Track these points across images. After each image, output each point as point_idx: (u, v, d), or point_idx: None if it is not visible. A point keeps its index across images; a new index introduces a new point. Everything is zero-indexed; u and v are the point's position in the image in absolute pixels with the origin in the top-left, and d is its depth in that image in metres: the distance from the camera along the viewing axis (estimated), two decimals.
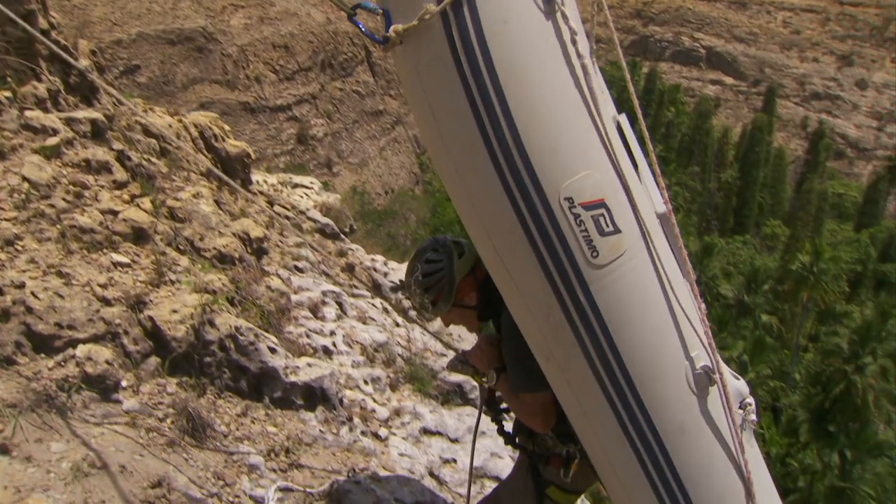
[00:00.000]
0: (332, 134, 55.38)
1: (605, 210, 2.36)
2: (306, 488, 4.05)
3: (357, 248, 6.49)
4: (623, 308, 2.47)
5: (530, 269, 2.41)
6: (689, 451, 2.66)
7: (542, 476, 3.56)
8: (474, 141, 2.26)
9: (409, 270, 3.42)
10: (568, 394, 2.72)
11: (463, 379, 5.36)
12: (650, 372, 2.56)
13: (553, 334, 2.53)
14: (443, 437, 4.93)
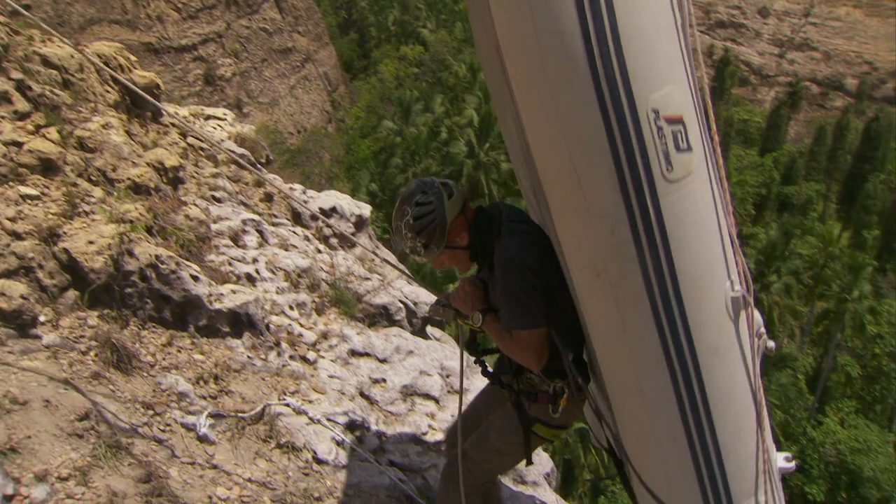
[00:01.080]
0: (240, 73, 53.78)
1: (683, 127, 2.39)
2: (238, 413, 4.00)
3: (275, 177, 6.35)
4: (684, 226, 2.50)
5: (607, 181, 2.39)
6: (718, 373, 2.74)
7: (528, 414, 3.54)
8: (575, 45, 2.24)
9: (398, 214, 3.30)
10: (612, 311, 2.69)
11: (388, 301, 5.34)
12: (699, 293, 2.60)
13: (614, 250, 2.52)
14: (371, 358, 4.92)
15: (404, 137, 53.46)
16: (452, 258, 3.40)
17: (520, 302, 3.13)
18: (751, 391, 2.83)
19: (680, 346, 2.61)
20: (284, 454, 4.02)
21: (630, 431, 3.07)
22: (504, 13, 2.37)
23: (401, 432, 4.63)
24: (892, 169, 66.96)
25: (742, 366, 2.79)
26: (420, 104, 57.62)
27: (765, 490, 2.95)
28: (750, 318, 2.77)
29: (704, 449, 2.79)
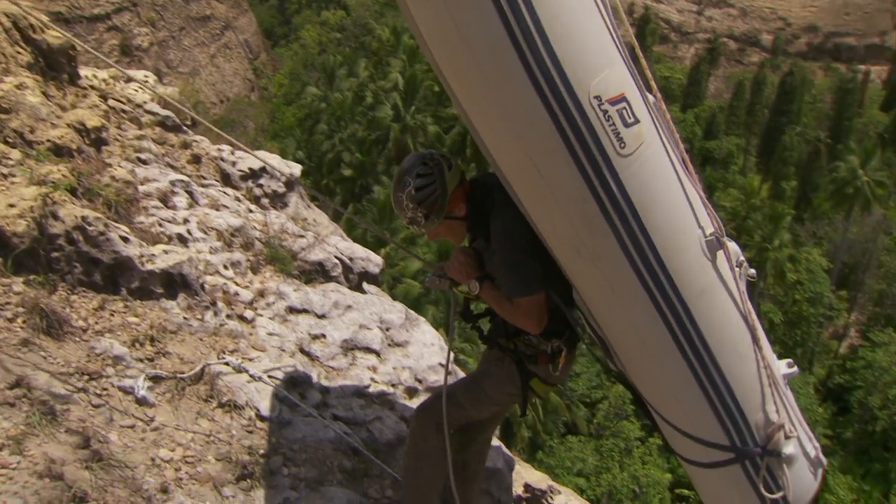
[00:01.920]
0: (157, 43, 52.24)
1: (626, 103, 2.49)
2: (176, 374, 3.89)
3: (202, 139, 6.16)
4: (648, 191, 2.64)
5: (565, 168, 2.50)
6: (709, 310, 2.92)
7: (527, 368, 3.59)
8: (507, 54, 2.29)
9: (398, 185, 3.32)
10: (600, 281, 2.86)
11: (324, 257, 5.26)
12: (673, 244, 2.76)
13: (587, 227, 2.65)
14: (310, 314, 4.84)
15: (329, 103, 52.84)
16: (449, 229, 3.46)
17: (518, 270, 3.21)
18: (742, 317, 3.02)
19: (668, 297, 2.79)
20: (227, 413, 3.94)
21: (642, 378, 3.26)
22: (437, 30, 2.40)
23: (343, 386, 4.58)
24: (807, 122, 68.93)
25: (729, 297, 2.98)
26: (344, 69, 56.94)
27: (773, 400, 3.14)
28: (727, 253, 2.93)
29: (711, 380, 3.00)
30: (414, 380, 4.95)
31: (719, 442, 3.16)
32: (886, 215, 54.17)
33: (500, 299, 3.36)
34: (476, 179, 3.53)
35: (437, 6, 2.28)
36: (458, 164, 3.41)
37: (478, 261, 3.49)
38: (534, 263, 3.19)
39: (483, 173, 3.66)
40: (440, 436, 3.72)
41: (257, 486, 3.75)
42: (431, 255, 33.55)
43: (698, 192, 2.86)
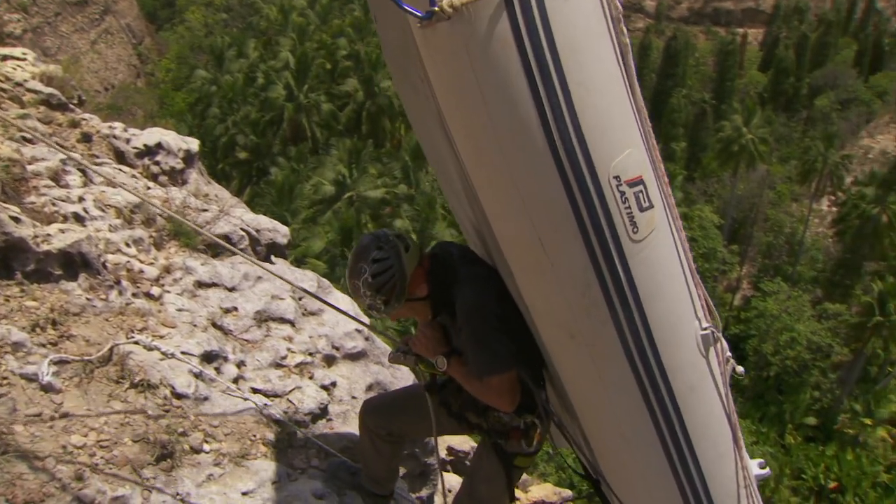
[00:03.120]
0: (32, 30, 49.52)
1: (643, 186, 2.33)
2: (83, 357, 3.67)
3: (92, 117, 5.82)
4: (654, 280, 2.48)
5: (574, 248, 2.33)
6: (696, 407, 2.76)
7: (506, 451, 3.45)
8: (529, 122, 2.12)
9: (353, 273, 3.09)
10: (588, 367, 2.66)
11: (229, 230, 5.06)
12: (672, 338, 2.60)
13: (586, 312, 2.46)
14: (219, 288, 4.65)
15: (220, 86, 51.44)
16: (411, 310, 3.28)
17: (487, 348, 3.03)
18: (726, 416, 2.90)
19: (658, 391, 2.62)
20: (140, 393, 3.74)
21: (614, 469, 3.13)
22: (458, 94, 2.22)
23: (260, 358, 4.43)
24: (692, 84, 71.03)
25: (716, 395, 2.84)
26: (233, 50, 55.46)
27: (747, 501, 3.08)
28: (719, 351, 2.81)
29: (688, 477, 2.85)
30: (331, 347, 4.83)
31: None
32: (770, 170, 56.58)
33: (468, 376, 3.19)
34: (435, 254, 3.33)
35: (462, 62, 2.09)
36: (416, 243, 3.22)
37: (444, 335, 3.33)
38: (503, 340, 3.03)
39: (440, 244, 3.51)
40: None
41: (179, 465, 3.59)
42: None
43: (696, 282, 2.73)
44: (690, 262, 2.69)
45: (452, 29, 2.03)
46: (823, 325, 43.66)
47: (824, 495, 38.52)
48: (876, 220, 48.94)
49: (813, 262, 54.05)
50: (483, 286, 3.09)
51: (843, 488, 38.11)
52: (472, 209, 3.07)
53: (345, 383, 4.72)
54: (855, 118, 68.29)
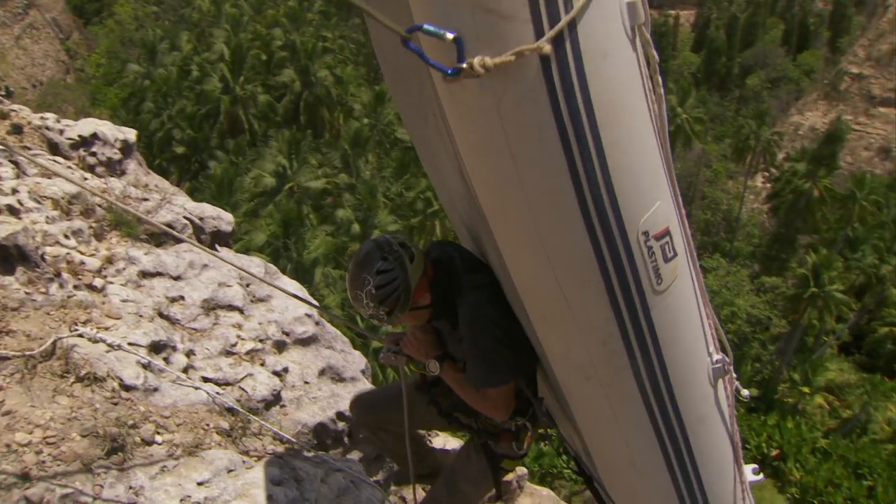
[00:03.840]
0: None
1: (669, 237, 2.30)
2: (25, 352, 3.54)
3: (22, 108, 5.61)
4: (674, 325, 2.46)
5: (598, 303, 2.27)
6: (703, 435, 2.80)
7: (494, 453, 3.43)
8: (561, 180, 2.02)
9: (355, 283, 2.94)
10: (604, 407, 2.64)
11: (172, 218, 4.94)
12: (686, 377, 2.61)
13: (606, 359, 2.44)
14: (164, 277, 4.53)
15: (154, 80, 50.20)
16: (412, 317, 3.16)
17: (489, 360, 2.98)
18: (730, 440, 2.95)
19: (671, 426, 2.65)
20: (87, 387, 3.62)
21: (620, 489, 3.14)
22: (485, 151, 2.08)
23: (209, 347, 4.33)
24: None
25: (721, 420, 2.87)
26: (165, 43, 54.18)
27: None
28: (729, 381, 2.83)
29: (692, 497, 2.93)
30: (281, 333, 4.75)
31: None
32: (705, 149, 57.55)
33: (463, 383, 3.15)
34: (438, 262, 3.20)
35: (491, 120, 1.96)
36: (420, 251, 3.10)
37: (437, 339, 3.27)
38: (506, 352, 2.97)
39: (442, 246, 3.38)
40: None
41: (131, 458, 3.49)
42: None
43: (709, 313, 2.71)
44: (705, 297, 2.68)
45: (482, 86, 1.89)
46: (762, 299, 44.69)
47: (767, 463, 39.53)
48: (808, 194, 50.30)
49: (749, 238, 55.32)
50: (486, 296, 3.02)
51: (785, 455, 39.14)
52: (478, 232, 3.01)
53: (297, 369, 4.65)
54: (784, 96, 70.03)
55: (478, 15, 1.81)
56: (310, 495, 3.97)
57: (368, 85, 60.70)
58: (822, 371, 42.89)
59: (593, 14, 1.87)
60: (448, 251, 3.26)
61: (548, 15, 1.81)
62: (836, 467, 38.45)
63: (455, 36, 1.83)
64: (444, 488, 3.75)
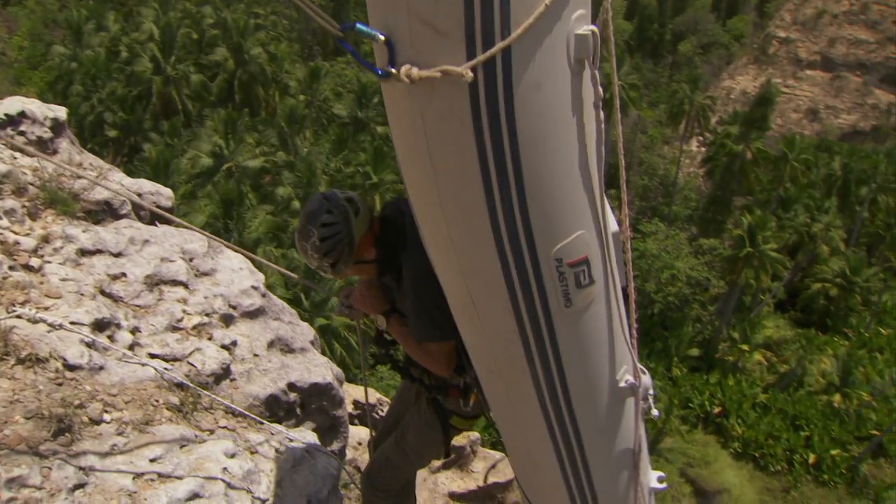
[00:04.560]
0: None
1: (587, 266, 2.28)
2: None
3: None
4: (579, 346, 2.47)
5: (502, 313, 2.30)
6: (603, 447, 2.86)
7: (443, 407, 3.50)
8: (475, 199, 2.02)
9: (302, 234, 3.01)
10: (504, 400, 2.74)
11: (110, 195, 4.80)
12: (587, 394, 2.63)
13: (507, 362, 2.48)
14: (105, 255, 4.39)
15: (81, 62, 48.72)
16: (359, 271, 3.24)
17: (430, 315, 3.05)
18: (631, 449, 2.95)
19: (566, 431, 2.69)
20: (29, 368, 3.50)
21: (521, 473, 3.24)
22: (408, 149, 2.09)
23: (155, 323, 4.24)
24: None
25: (623, 434, 2.89)
26: (91, 24, 52.50)
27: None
28: (637, 397, 2.81)
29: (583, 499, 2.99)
30: (228, 307, 4.67)
31: None
32: (641, 115, 58.22)
33: (406, 337, 3.27)
34: (387, 217, 3.28)
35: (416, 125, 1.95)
36: (367, 207, 3.16)
37: (383, 294, 3.35)
38: (445, 310, 2.95)
39: (398, 204, 3.38)
40: (384, 500, 3.84)
41: (79, 438, 3.39)
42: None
43: (626, 335, 2.68)
44: (622, 317, 2.64)
45: (410, 93, 1.88)
46: (700, 261, 45.66)
47: (710, 420, 40.64)
48: (741, 157, 51.35)
49: (687, 201, 56.36)
50: None
51: (727, 412, 40.30)
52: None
53: (245, 342, 4.59)
54: (716, 61, 71.19)
55: (414, 24, 1.78)
56: (265, 466, 3.93)
57: (303, 61, 59.92)
58: (760, 329, 44.18)
59: (531, 43, 1.82)
60: (402, 208, 3.28)
61: (482, 38, 1.76)
62: (775, 420, 39.80)
63: (386, 38, 1.83)
64: (394, 441, 3.83)
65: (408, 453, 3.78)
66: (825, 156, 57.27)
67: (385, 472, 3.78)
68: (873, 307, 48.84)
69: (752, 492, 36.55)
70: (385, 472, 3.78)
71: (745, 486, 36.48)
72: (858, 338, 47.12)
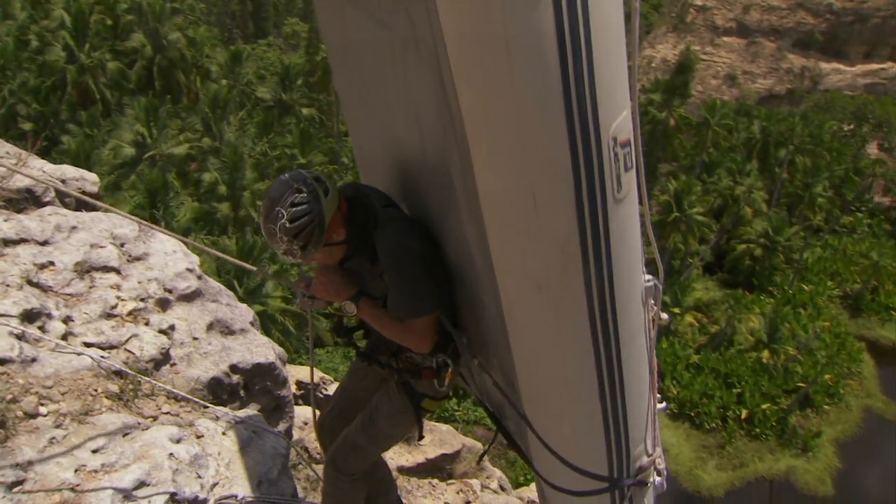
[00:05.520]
0: None
1: (630, 147, 2.36)
2: None
3: None
4: (624, 237, 2.53)
5: (565, 206, 2.31)
6: (634, 354, 2.87)
7: (415, 390, 3.40)
8: (552, 77, 2.06)
9: (268, 217, 2.84)
10: (549, 319, 2.66)
11: (31, 182, 4.60)
12: (627, 290, 2.68)
13: (561, 265, 2.46)
14: (30, 244, 4.19)
15: None
16: (327, 254, 3.10)
17: (412, 289, 3.00)
18: (648, 361, 3.04)
19: (608, 341, 2.69)
20: None
21: (545, 411, 3.10)
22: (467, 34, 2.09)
23: (88, 311, 4.08)
24: None
25: (645, 341, 2.95)
26: None
27: (653, 435, 3.28)
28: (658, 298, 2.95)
29: (615, 418, 2.99)
30: (163, 290, 4.52)
31: (600, 473, 3.15)
32: None
33: (383, 318, 3.17)
34: (354, 197, 3.17)
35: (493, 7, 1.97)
36: (335, 186, 3.03)
37: (347, 278, 3.22)
38: (428, 282, 3.03)
39: (356, 187, 3.33)
40: (350, 483, 3.70)
41: (14, 433, 3.26)
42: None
43: (647, 235, 2.76)
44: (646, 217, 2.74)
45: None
46: None
47: None
48: (665, 123, 52.29)
49: None
50: (405, 228, 3.07)
51: (662, 374, 41.20)
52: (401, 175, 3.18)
53: (183, 325, 4.46)
54: None
55: None
56: (212, 450, 3.84)
57: (223, 45, 58.60)
58: (690, 291, 45.22)
59: None
60: (363, 190, 3.25)
61: None
62: (708, 379, 40.93)
63: None
64: (361, 426, 3.71)
65: (378, 438, 3.70)
66: (745, 120, 58.72)
67: (352, 457, 3.69)
68: (795, 265, 50.44)
69: (689, 450, 37.57)
70: (352, 457, 3.69)
71: (682, 445, 37.46)
72: (783, 295, 48.66)
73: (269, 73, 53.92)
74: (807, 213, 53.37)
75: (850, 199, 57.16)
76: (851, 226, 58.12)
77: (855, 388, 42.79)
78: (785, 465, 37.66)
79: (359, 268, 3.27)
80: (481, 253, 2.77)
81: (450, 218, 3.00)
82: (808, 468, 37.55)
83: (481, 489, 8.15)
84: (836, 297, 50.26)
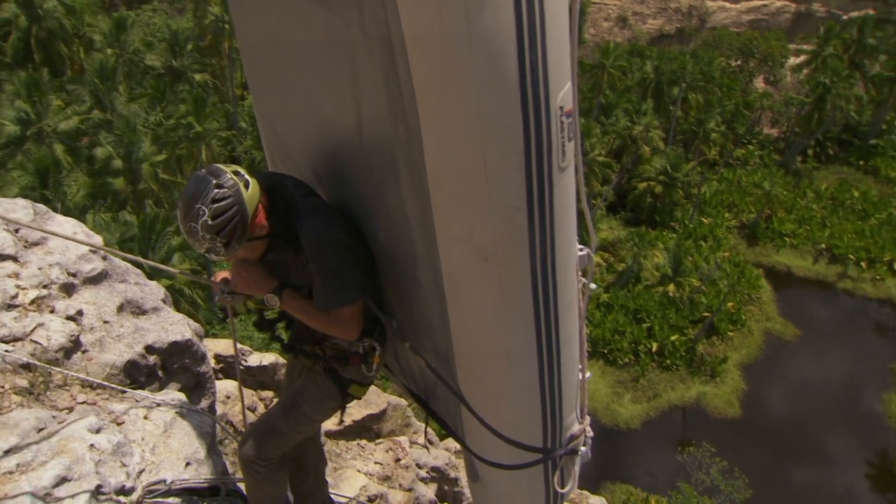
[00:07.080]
0: None
1: (573, 118, 2.43)
2: None
3: None
4: (565, 206, 2.59)
5: (515, 175, 2.38)
6: (569, 323, 2.94)
7: (342, 377, 3.33)
8: (508, 47, 2.16)
9: (189, 215, 2.68)
10: (494, 290, 2.68)
11: None
12: (566, 259, 2.74)
13: (508, 236, 2.51)
14: None
15: None
16: (249, 250, 2.99)
17: (338, 278, 2.96)
18: (579, 330, 3.09)
19: (549, 310, 2.76)
20: None
21: (481, 386, 3.11)
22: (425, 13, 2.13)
23: None
24: None
25: (577, 309, 3.02)
26: None
27: (583, 404, 3.35)
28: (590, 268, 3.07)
29: (551, 389, 3.02)
30: (67, 275, 4.26)
31: (535, 444, 3.19)
32: None
33: (308, 309, 3.09)
34: (272, 189, 3.04)
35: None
36: (255, 179, 2.90)
37: (267, 271, 3.10)
38: (354, 270, 3.02)
39: (271, 176, 3.19)
40: (267, 469, 3.60)
41: None
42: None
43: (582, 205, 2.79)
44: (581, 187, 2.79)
45: None
46: None
47: None
48: None
49: None
50: (328, 217, 3.00)
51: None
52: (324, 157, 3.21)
53: (92, 309, 4.23)
54: None
55: None
56: (135, 436, 3.69)
57: (105, 12, 55.79)
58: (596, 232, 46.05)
59: None
60: (279, 179, 3.15)
61: None
62: (618, 317, 42.09)
63: None
64: (283, 410, 3.61)
65: (300, 422, 3.59)
66: (638, 60, 59.71)
67: (270, 441, 3.56)
68: (694, 199, 52.05)
69: (605, 386, 38.67)
70: (270, 441, 3.56)
71: (598, 383, 38.51)
72: (684, 229, 50.22)
73: (157, 40, 51.61)
74: (702, 148, 54.95)
75: (741, 133, 59.04)
76: (744, 158, 60.19)
77: (755, 314, 44.72)
78: (695, 393, 39.22)
79: (281, 259, 3.18)
80: (422, 229, 2.75)
81: (386, 197, 2.96)
82: (716, 393, 39.22)
83: (410, 445, 8.19)
84: (733, 227, 52.20)
